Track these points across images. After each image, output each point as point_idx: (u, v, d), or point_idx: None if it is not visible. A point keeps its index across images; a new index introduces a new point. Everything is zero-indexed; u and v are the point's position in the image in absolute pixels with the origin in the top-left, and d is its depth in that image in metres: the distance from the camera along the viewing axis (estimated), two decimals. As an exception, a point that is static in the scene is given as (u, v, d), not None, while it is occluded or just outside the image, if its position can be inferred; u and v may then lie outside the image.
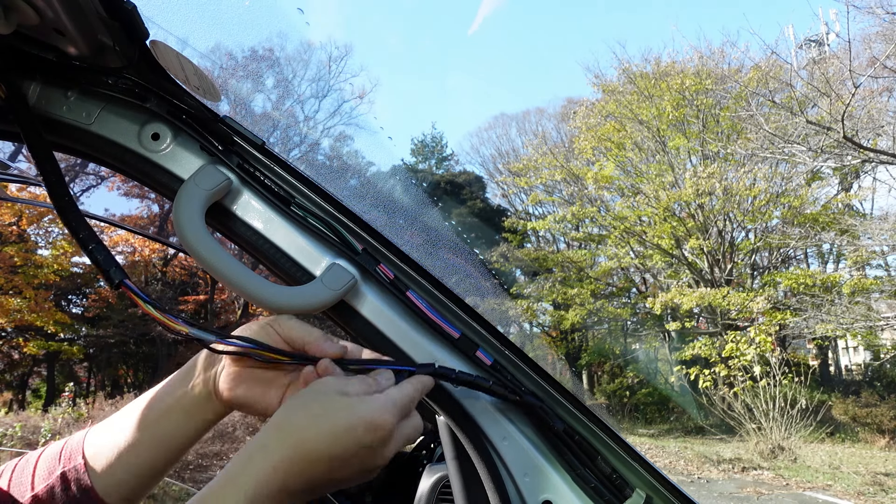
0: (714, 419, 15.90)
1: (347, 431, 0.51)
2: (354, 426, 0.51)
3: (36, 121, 0.68)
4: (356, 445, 0.51)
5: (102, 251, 0.61)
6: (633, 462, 0.75)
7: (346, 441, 0.50)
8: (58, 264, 19.40)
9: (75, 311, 23.97)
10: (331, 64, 22.86)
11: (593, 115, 22.05)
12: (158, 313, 0.59)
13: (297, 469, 0.50)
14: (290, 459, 0.50)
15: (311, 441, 0.50)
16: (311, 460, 0.50)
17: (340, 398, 0.53)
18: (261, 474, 0.49)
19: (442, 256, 1.29)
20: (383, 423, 0.52)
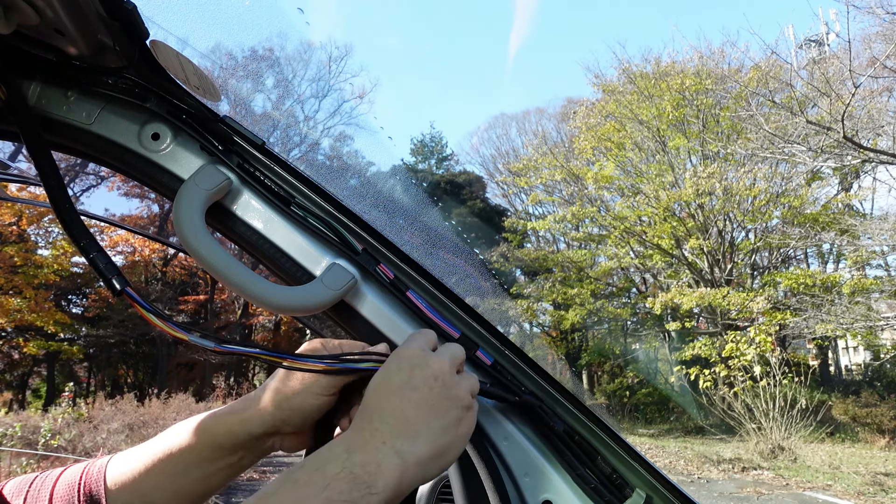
0: (714, 419, 15.90)
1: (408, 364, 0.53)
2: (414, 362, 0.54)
3: (37, 123, 0.68)
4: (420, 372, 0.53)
5: (104, 259, 0.61)
6: (633, 462, 0.75)
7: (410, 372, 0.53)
8: (58, 264, 19.41)
9: (75, 311, 23.99)
10: (331, 64, 22.88)
11: (593, 115, 22.06)
12: (160, 321, 0.59)
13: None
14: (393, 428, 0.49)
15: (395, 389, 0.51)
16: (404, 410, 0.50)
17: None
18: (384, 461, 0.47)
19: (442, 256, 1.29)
20: (439, 362, 0.54)
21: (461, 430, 0.53)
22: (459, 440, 0.53)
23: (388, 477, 0.45)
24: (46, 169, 0.64)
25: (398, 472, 0.46)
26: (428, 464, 0.49)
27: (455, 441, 0.53)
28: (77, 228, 0.62)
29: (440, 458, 0.51)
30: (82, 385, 26.46)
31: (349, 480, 0.43)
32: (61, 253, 19.84)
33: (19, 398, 24.15)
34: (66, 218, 0.62)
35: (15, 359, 22.59)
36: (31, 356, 21.65)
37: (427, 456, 0.49)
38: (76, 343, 23.05)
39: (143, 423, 10.98)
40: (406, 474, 0.47)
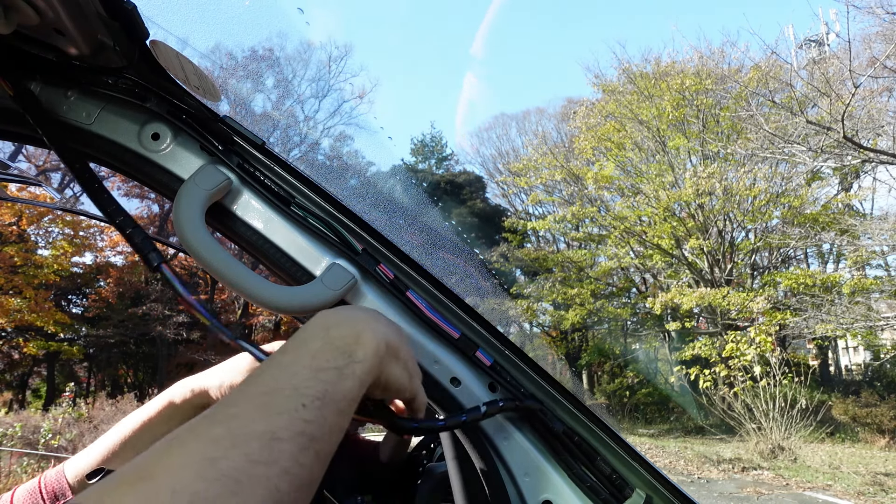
0: (714, 419, 15.91)
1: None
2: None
3: (52, 119, 0.69)
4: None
5: (140, 234, 0.62)
6: (633, 462, 0.75)
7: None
8: (58, 264, 19.42)
9: (75, 311, 23.99)
10: (331, 64, 22.89)
11: (593, 115, 22.06)
12: (190, 302, 0.61)
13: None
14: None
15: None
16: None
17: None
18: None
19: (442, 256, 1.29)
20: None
21: (411, 358, 0.57)
22: (410, 360, 0.56)
23: (367, 347, 0.47)
24: (68, 155, 0.65)
25: (374, 344, 0.48)
26: (391, 351, 0.51)
27: (409, 354, 0.56)
28: (111, 206, 0.63)
29: (396, 354, 0.52)
30: (82, 385, 26.45)
31: (332, 351, 0.45)
32: (61, 253, 19.85)
33: (19, 398, 24.16)
34: (99, 198, 0.63)
35: (15, 359, 22.59)
36: (31, 356, 21.65)
37: (392, 342, 0.52)
38: (76, 343, 23.05)
39: (143, 423, 10.99)
40: (379, 349, 0.49)
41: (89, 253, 22.16)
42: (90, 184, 0.65)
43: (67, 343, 22.17)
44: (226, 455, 0.32)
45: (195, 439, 0.34)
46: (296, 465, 0.35)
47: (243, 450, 0.33)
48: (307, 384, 0.40)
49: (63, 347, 21.04)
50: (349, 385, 0.43)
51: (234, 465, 0.32)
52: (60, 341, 21.58)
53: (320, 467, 0.39)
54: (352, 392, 0.44)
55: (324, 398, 0.40)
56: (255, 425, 0.36)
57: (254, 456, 0.33)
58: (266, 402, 0.38)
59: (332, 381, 0.42)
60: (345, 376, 0.43)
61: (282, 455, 0.35)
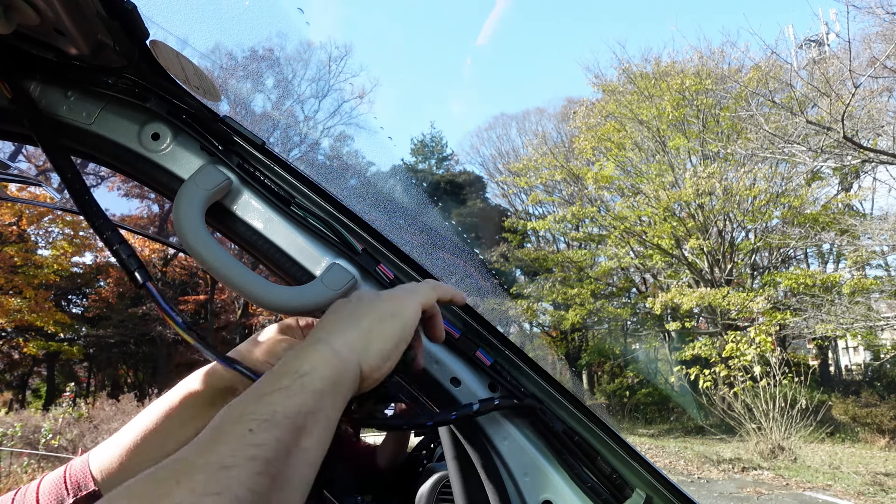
0: (714, 419, 15.91)
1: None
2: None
3: (48, 122, 0.68)
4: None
5: (127, 250, 0.62)
6: (633, 462, 0.75)
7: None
8: (58, 264, 19.41)
9: (75, 311, 24.00)
10: (331, 64, 22.89)
11: (593, 115, 22.05)
12: (173, 322, 0.60)
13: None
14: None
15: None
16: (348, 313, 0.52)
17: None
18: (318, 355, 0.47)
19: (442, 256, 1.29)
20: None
21: (380, 316, 0.53)
22: (382, 324, 0.53)
23: (313, 358, 0.45)
24: (64, 167, 0.65)
25: (321, 354, 0.46)
26: (353, 350, 0.49)
27: (377, 326, 0.52)
28: (100, 219, 0.63)
29: (370, 342, 0.50)
30: (82, 385, 26.46)
31: (276, 375, 0.43)
32: (61, 253, 19.84)
33: (19, 398, 24.16)
34: (89, 210, 0.63)
35: (15, 359, 22.59)
36: (31, 356, 21.65)
37: (355, 339, 0.50)
38: (76, 343, 23.05)
39: (143, 423, 10.99)
40: (334, 356, 0.46)
41: (89, 253, 22.17)
42: (81, 194, 0.64)
43: (67, 343, 22.17)
44: (170, 492, 0.31)
45: (140, 484, 0.33)
46: (249, 491, 0.34)
47: (189, 485, 0.32)
48: (252, 409, 0.39)
49: (63, 347, 21.04)
50: (300, 399, 0.41)
51: (180, 500, 0.31)
52: (60, 341, 21.58)
53: (284, 486, 0.37)
54: (306, 405, 0.41)
55: (273, 418, 0.39)
56: (199, 458, 0.34)
57: (199, 488, 0.32)
58: (211, 437, 0.37)
59: (279, 401, 0.40)
60: (293, 392, 0.41)
61: (232, 483, 0.33)
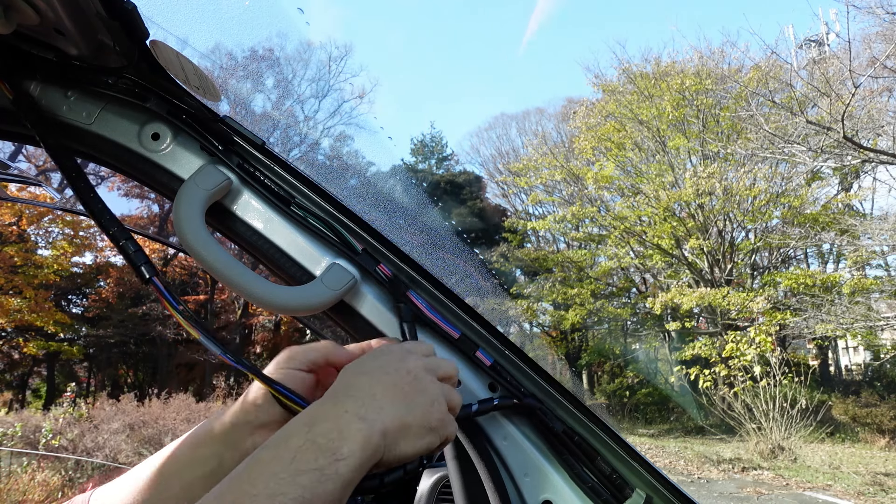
0: (714, 419, 15.91)
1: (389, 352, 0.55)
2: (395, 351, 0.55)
3: (49, 122, 0.69)
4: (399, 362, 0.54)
5: (133, 246, 0.62)
6: (633, 462, 0.75)
7: (388, 358, 0.54)
8: (58, 264, 19.40)
9: (75, 311, 23.98)
10: (331, 64, 22.89)
11: (593, 115, 22.05)
12: (181, 317, 0.60)
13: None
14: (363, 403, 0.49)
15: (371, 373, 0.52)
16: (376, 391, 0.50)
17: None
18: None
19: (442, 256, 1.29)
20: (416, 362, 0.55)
21: (428, 419, 0.52)
22: (425, 427, 0.51)
23: (353, 442, 0.44)
24: (65, 162, 0.65)
25: (362, 437, 0.45)
26: (393, 434, 0.48)
27: (421, 425, 0.51)
28: (106, 216, 0.63)
29: (405, 433, 0.49)
30: (82, 385, 26.44)
31: (314, 450, 0.42)
32: (61, 253, 19.84)
33: (19, 398, 24.16)
34: (94, 207, 0.63)
35: (15, 359, 22.58)
36: (31, 356, 21.64)
37: (391, 427, 0.48)
38: (76, 343, 23.04)
39: (144, 422, 10.97)
40: (371, 440, 0.45)
41: (89, 253, 22.16)
42: (85, 192, 0.64)
43: (67, 343, 22.16)
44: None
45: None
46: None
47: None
48: (284, 490, 0.39)
49: (63, 347, 21.03)
50: (330, 488, 0.41)
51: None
52: (60, 341, 21.57)
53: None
54: (333, 494, 0.41)
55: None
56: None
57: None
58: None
59: (310, 485, 0.40)
60: (326, 478, 0.41)
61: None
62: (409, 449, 0.50)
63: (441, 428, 0.53)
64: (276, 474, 0.40)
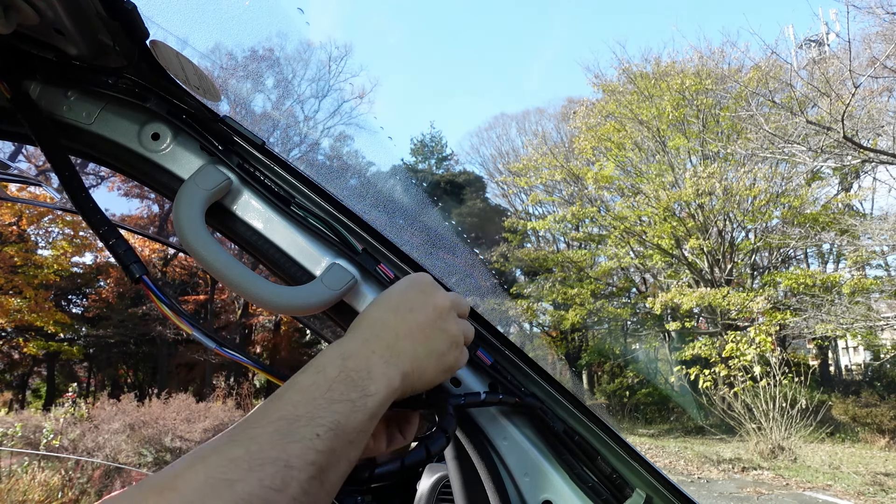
0: (714, 419, 15.91)
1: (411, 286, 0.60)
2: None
3: (47, 121, 0.68)
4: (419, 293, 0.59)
5: (123, 245, 0.62)
6: (633, 462, 0.75)
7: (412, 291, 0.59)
8: (58, 264, 19.39)
9: (75, 311, 23.97)
10: (331, 64, 22.88)
11: (593, 115, 22.06)
12: (172, 314, 0.60)
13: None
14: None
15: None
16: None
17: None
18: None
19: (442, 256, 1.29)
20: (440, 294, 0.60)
21: (444, 362, 0.57)
22: (439, 369, 0.57)
23: (379, 382, 0.49)
24: (61, 165, 0.65)
25: (387, 380, 0.49)
26: (411, 376, 0.53)
27: (436, 368, 0.56)
28: (96, 215, 0.63)
29: (421, 374, 0.54)
30: (82, 385, 26.43)
31: (347, 383, 0.46)
32: (61, 253, 19.83)
33: (19, 398, 24.15)
34: (84, 206, 0.63)
35: (15, 359, 22.57)
36: (31, 356, 21.63)
37: (410, 369, 0.53)
38: (76, 343, 23.04)
39: (144, 423, 10.97)
40: (393, 384, 0.50)
41: (89, 253, 22.15)
42: (77, 191, 0.64)
43: (67, 343, 22.15)
44: (242, 478, 0.35)
45: (216, 457, 0.36)
46: (303, 494, 0.37)
47: (258, 475, 0.35)
48: (322, 414, 0.42)
49: (63, 347, 21.02)
50: (360, 418, 0.45)
51: (249, 490, 0.34)
52: (60, 341, 21.56)
53: (325, 497, 0.40)
54: (362, 424, 0.45)
55: (336, 429, 0.42)
56: (271, 451, 0.38)
57: (267, 482, 0.35)
58: (283, 429, 0.40)
59: (344, 413, 0.44)
60: (357, 409, 0.45)
61: (292, 483, 0.37)
62: (423, 386, 0.55)
63: (454, 365, 0.59)
64: (314, 399, 0.44)
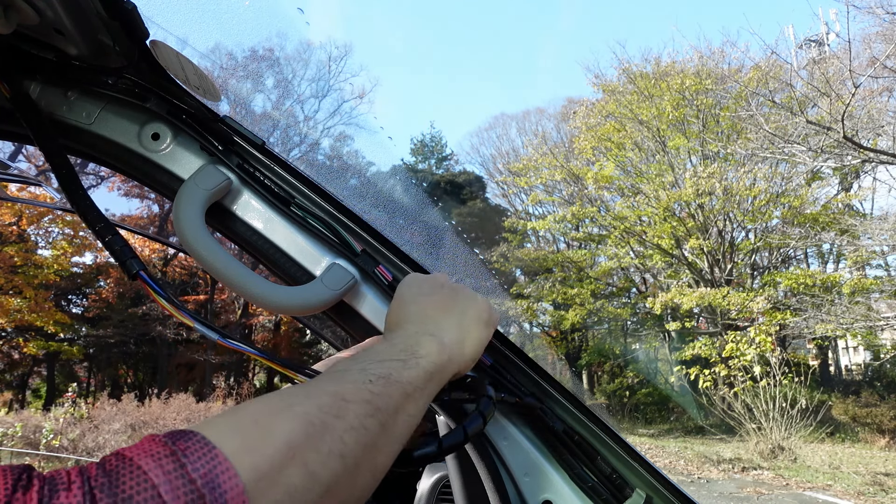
0: (714, 419, 15.90)
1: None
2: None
3: (44, 117, 0.68)
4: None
5: (120, 241, 0.62)
6: (633, 462, 0.75)
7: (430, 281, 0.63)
8: (58, 264, 19.39)
9: (75, 311, 23.97)
10: (331, 64, 22.88)
11: (593, 115, 22.05)
12: (171, 307, 0.60)
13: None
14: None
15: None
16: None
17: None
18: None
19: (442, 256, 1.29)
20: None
21: (479, 321, 0.59)
22: (479, 327, 0.59)
23: (428, 346, 0.51)
24: (56, 158, 0.65)
25: (436, 345, 0.52)
26: (458, 342, 0.56)
27: (476, 320, 0.59)
28: (92, 212, 0.63)
29: (468, 335, 0.57)
30: (82, 385, 26.42)
31: (395, 350, 0.49)
32: (61, 253, 19.83)
33: (19, 398, 24.15)
34: (81, 203, 0.63)
35: (15, 359, 22.57)
36: (31, 356, 21.63)
37: (454, 336, 0.55)
38: (76, 343, 23.03)
39: (144, 423, 10.99)
40: (444, 350, 0.52)
41: (89, 253, 22.15)
42: (74, 191, 0.64)
43: (67, 343, 22.14)
44: (301, 402, 0.38)
45: (277, 394, 0.40)
46: (361, 426, 0.40)
47: (316, 401, 0.39)
48: (373, 367, 0.45)
49: (63, 347, 21.02)
50: (414, 373, 0.47)
51: (307, 410, 0.37)
52: (60, 341, 21.55)
53: (387, 438, 0.43)
54: (418, 379, 0.47)
55: (388, 378, 0.45)
56: (327, 386, 0.41)
57: (325, 408, 0.38)
58: (336, 376, 0.44)
59: (396, 367, 0.47)
60: (409, 366, 0.48)
61: (348, 413, 0.39)
62: (476, 345, 0.58)
63: (493, 315, 0.61)
64: (362, 360, 0.47)
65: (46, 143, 0.66)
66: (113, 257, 0.62)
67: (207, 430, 0.33)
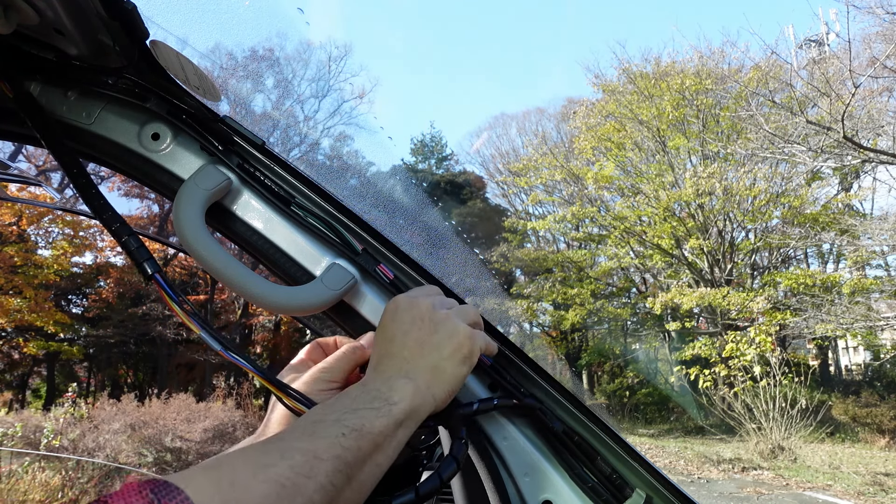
0: (714, 419, 15.90)
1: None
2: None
3: (51, 119, 0.69)
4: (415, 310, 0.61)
5: (136, 242, 0.62)
6: (633, 462, 0.75)
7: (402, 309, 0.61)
8: (58, 264, 19.38)
9: (75, 311, 23.96)
10: (331, 64, 22.86)
11: (593, 115, 22.05)
12: (182, 313, 0.60)
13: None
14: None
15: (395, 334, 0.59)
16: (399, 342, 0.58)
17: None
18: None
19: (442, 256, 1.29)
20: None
21: (456, 357, 0.59)
22: (456, 364, 0.59)
23: (402, 391, 0.52)
24: (69, 164, 0.65)
25: (411, 388, 0.53)
26: (432, 381, 0.56)
27: (452, 356, 0.58)
28: (108, 213, 0.63)
29: (441, 374, 0.57)
30: (82, 385, 26.41)
31: (370, 397, 0.51)
32: (61, 253, 19.83)
33: (19, 398, 24.15)
34: (96, 204, 0.63)
35: (15, 359, 22.57)
36: (31, 356, 21.63)
37: (429, 376, 0.56)
38: (76, 343, 23.02)
39: (144, 423, 10.97)
40: (418, 392, 0.54)
41: (89, 253, 22.14)
42: (87, 189, 0.64)
43: (67, 343, 22.13)
44: (275, 463, 0.40)
45: (256, 447, 0.42)
46: (330, 483, 0.42)
47: (289, 461, 0.41)
48: (347, 418, 0.47)
49: (63, 347, 21.00)
50: (385, 422, 0.49)
51: (280, 472, 0.39)
52: (60, 341, 21.54)
53: (352, 492, 0.45)
54: (388, 429, 0.49)
55: (361, 430, 0.46)
56: (301, 443, 0.43)
57: (297, 468, 0.40)
58: (311, 430, 0.45)
59: (367, 417, 0.48)
60: (381, 415, 0.49)
61: (319, 473, 0.41)
62: (451, 385, 0.58)
63: (472, 349, 0.60)
64: (338, 409, 0.48)
65: (54, 144, 0.67)
66: (129, 258, 0.62)
67: (190, 488, 0.35)
